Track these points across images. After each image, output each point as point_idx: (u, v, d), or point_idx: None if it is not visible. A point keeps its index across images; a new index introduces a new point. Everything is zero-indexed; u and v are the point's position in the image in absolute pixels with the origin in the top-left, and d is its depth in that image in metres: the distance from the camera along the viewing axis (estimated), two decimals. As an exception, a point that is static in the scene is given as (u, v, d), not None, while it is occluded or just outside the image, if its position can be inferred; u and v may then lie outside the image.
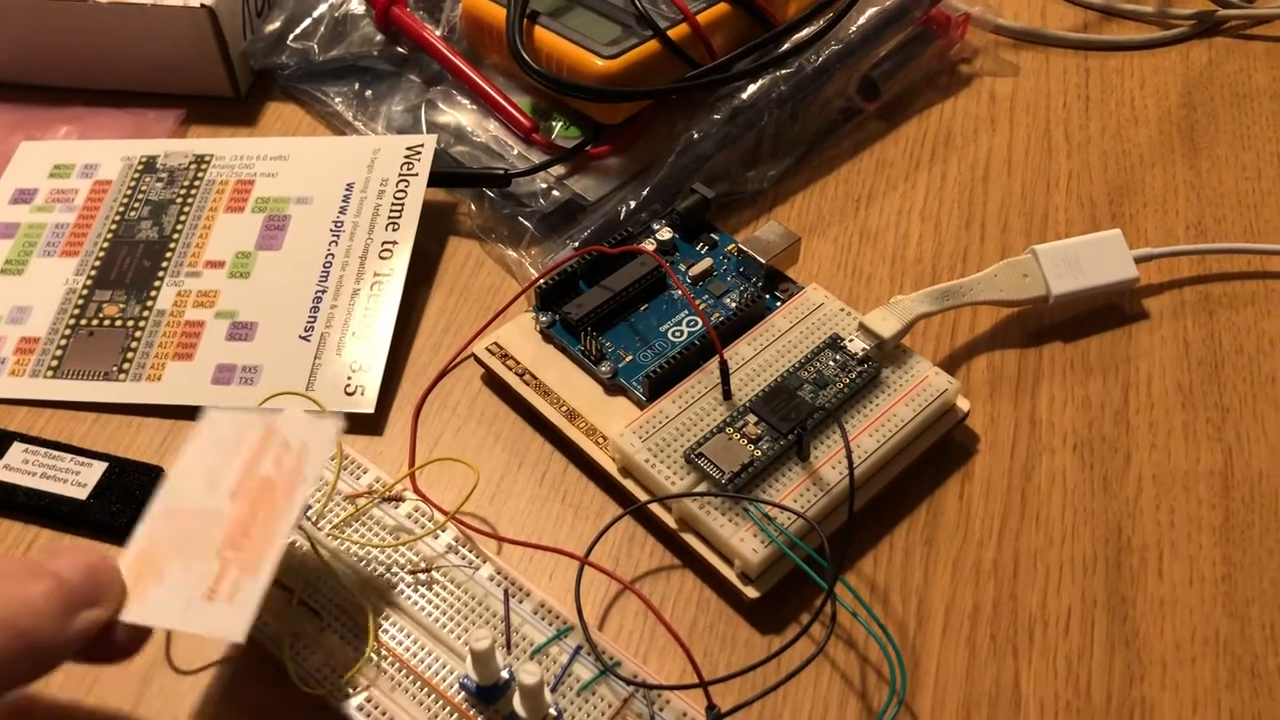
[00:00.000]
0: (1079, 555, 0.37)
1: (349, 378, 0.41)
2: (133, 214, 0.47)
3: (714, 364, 0.38)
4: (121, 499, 0.38)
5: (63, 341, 0.43)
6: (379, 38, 0.53)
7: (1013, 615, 0.36)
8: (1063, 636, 0.35)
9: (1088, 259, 0.43)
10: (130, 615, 0.30)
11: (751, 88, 0.48)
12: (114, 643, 0.30)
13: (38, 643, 0.28)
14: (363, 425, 0.41)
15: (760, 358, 0.39)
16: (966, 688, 0.34)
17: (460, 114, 0.50)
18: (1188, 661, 0.35)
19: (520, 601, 0.34)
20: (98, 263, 0.45)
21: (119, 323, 0.43)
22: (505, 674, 0.32)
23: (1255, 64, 0.54)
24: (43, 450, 0.39)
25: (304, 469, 0.33)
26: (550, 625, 0.34)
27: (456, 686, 0.32)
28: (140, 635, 0.31)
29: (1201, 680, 0.34)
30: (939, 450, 0.39)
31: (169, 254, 0.46)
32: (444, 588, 0.35)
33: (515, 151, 0.48)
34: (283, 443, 0.34)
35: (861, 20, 0.50)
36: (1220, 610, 0.36)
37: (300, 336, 0.42)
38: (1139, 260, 0.44)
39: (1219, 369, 0.42)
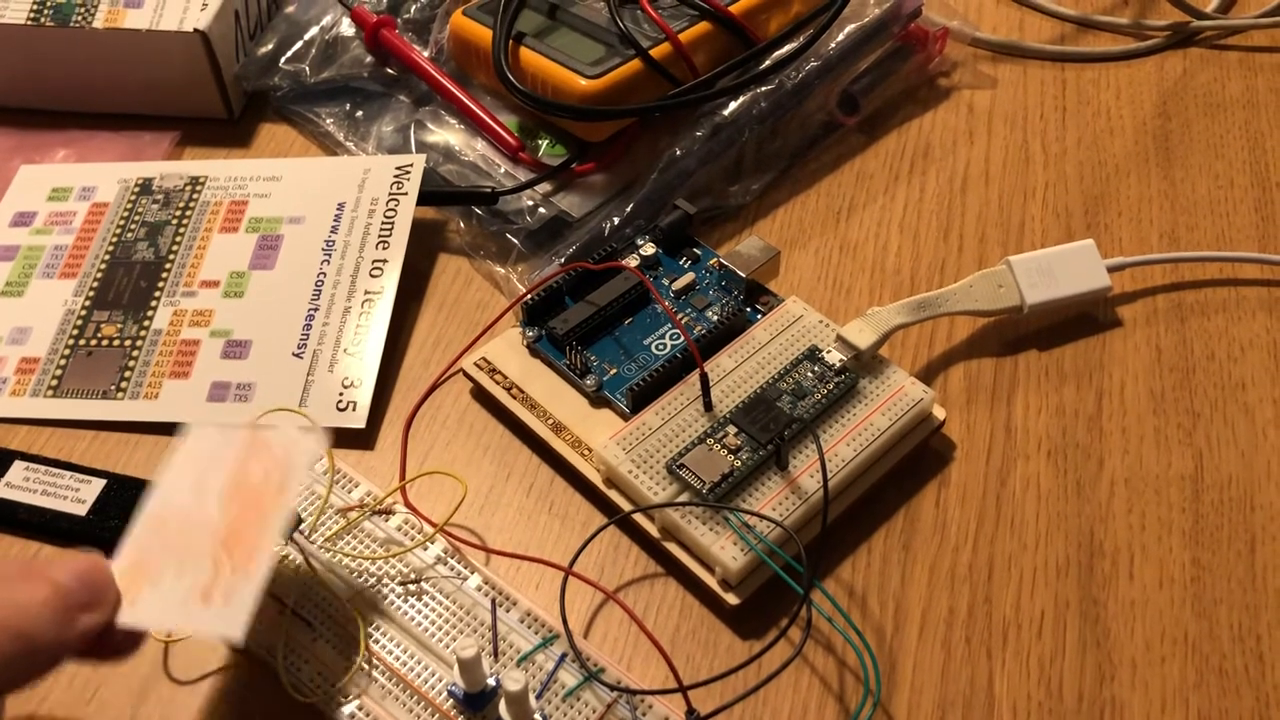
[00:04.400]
0: (1052, 559, 0.38)
1: (341, 394, 0.42)
2: (129, 235, 0.48)
3: (696, 376, 0.39)
4: (120, 515, 0.39)
5: (62, 361, 0.44)
6: (369, 59, 0.54)
7: (987, 618, 0.37)
8: (1036, 639, 0.36)
9: (1061, 269, 0.44)
10: (127, 618, 0.31)
11: (733, 104, 0.49)
12: (112, 644, 0.31)
13: (36, 646, 0.29)
14: (354, 440, 0.42)
15: (741, 370, 0.40)
16: (941, 689, 0.35)
17: (449, 134, 0.51)
18: (1157, 661, 0.35)
19: (507, 611, 0.35)
20: (96, 284, 0.47)
21: (117, 342, 0.44)
22: (492, 681, 0.33)
23: (1229, 74, 0.55)
24: (43, 468, 0.40)
25: (289, 477, 0.34)
26: (536, 634, 0.35)
27: (445, 694, 0.33)
28: (137, 636, 0.31)
29: (1170, 680, 0.35)
30: (916, 458, 0.40)
31: (165, 274, 0.47)
32: (433, 598, 0.36)
33: (502, 170, 0.49)
34: (267, 454, 0.34)
35: (841, 36, 0.52)
36: (1189, 611, 0.37)
37: (293, 354, 0.43)
38: (1112, 269, 0.45)
39: (1190, 375, 0.43)
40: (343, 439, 0.41)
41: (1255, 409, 0.42)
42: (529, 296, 0.43)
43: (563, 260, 0.45)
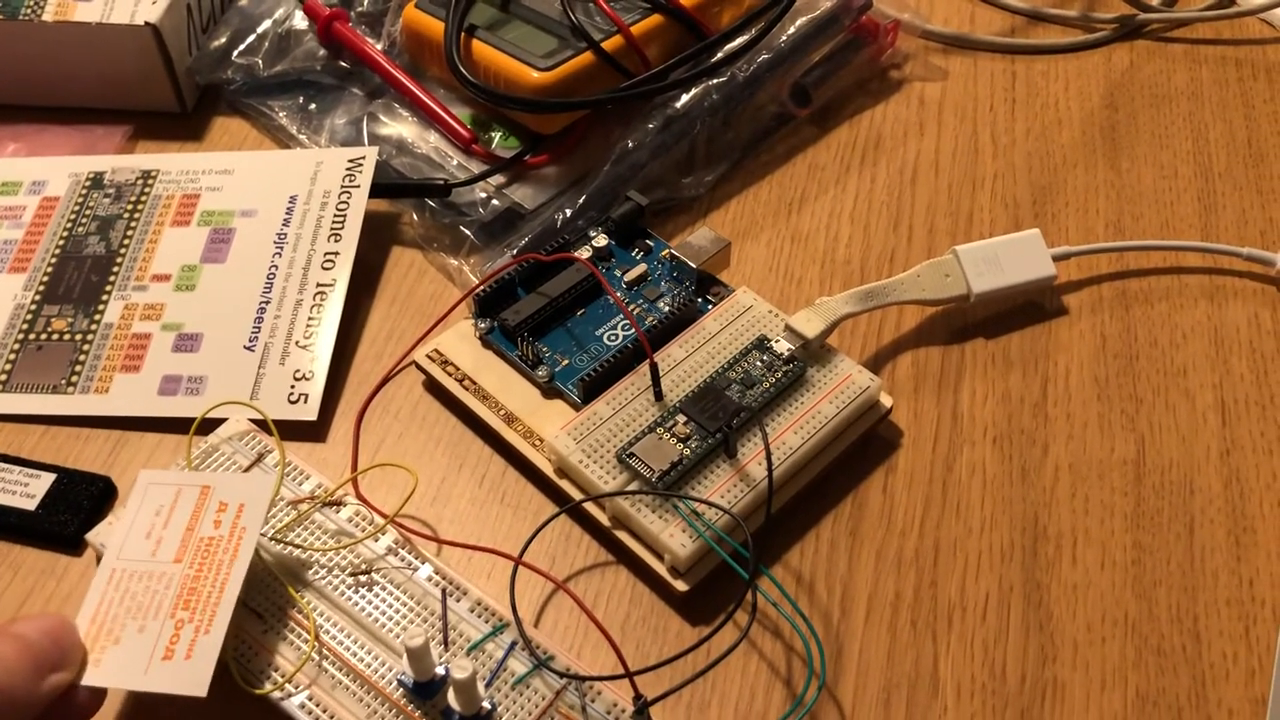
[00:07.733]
0: (997, 543, 0.39)
1: (292, 386, 0.42)
2: (80, 229, 0.48)
3: (646, 367, 0.40)
4: (69, 509, 0.39)
5: (11, 356, 0.44)
6: (322, 53, 0.54)
7: (933, 602, 0.37)
8: (980, 621, 0.37)
9: (1007, 258, 0.45)
10: (91, 678, 0.31)
11: (685, 97, 0.49)
12: (74, 705, 0.31)
13: (11, 699, 0.29)
14: (306, 432, 0.42)
15: (691, 359, 0.41)
16: (887, 672, 0.36)
17: (402, 126, 0.51)
18: (1098, 642, 0.36)
19: (458, 600, 0.36)
20: (46, 278, 0.46)
21: (67, 336, 0.44)
22: (441, 670, 0.33)
23: (1174, 66, 0.56)
24: (-9, 463, 0.40)
25: (245, 526, 0.35)
26: (487, 623, 0.35)
27: (395, 683, 0.34)
28: (99, 696, 0.32)
29: (1110, 660, 0.36)
30: (863, 445, 0.41)
31: (116, 268, 0.47)
32: (384, 589, 0.36)
33: (455, 162, 0.49)
34: (219, 502, 0.35)
35: (792, 29, 0.52)
36: (1130, 593, 0.37)
37: (245, 347, 0.43)
38: (1058, 258, 0.45)
39: (1134, 362, 0.44)
40: (294, 431, 0.41)
41: (1196, 394, 0.43)
42: (481, 288, 0.43)
43: (515, 252, 0.46)
